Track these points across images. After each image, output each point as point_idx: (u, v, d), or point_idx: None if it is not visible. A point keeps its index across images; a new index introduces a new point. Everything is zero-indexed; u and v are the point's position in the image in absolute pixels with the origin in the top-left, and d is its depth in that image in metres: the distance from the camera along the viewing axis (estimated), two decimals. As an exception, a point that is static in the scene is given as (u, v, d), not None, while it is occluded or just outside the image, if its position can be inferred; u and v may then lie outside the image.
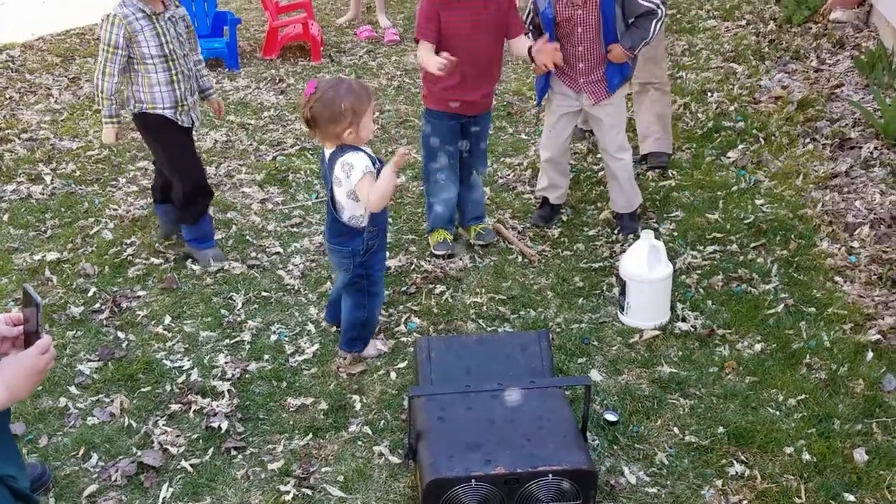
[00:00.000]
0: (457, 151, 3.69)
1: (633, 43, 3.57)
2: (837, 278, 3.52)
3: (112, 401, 2.97)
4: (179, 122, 3.58)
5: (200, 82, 3.72)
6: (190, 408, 2.92)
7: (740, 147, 4.69)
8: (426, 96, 3.66)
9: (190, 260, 3.82)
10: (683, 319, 3.31)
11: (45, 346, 1.77)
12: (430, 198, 3.83)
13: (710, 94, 5.43)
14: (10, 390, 1.71)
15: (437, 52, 3.40)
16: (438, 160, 3.67)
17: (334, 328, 3.29)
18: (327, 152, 2.88)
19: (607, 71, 3.65)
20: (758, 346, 3.14)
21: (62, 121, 5.52)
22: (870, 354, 3.05)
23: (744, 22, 6.79)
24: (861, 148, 4.50)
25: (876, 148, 4.48)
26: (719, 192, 4.25)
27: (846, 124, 4.79)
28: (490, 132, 4.97)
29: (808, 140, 4.69)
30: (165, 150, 3.68)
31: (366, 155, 2.81)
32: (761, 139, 4.76)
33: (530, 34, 3.69)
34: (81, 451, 2.75)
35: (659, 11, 3.53)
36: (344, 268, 3.01)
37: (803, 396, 2.88)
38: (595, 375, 3.03)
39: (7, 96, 5.87)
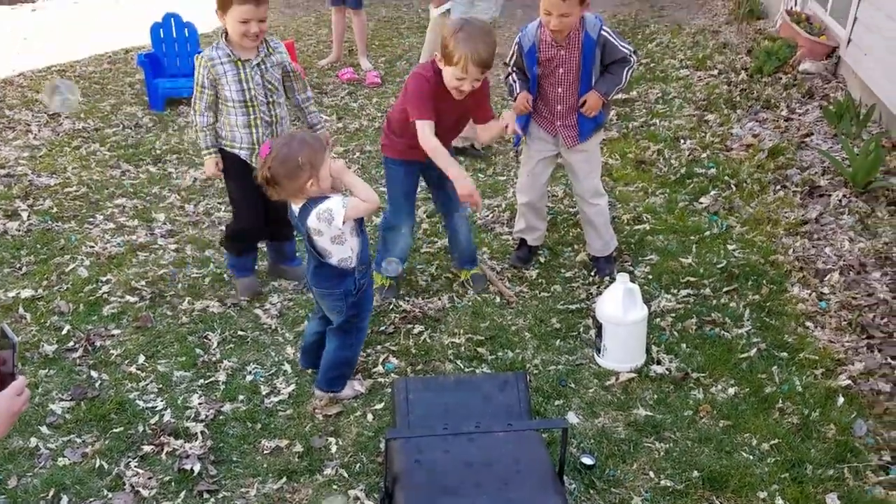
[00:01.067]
0: (415, 194, 3.74)
1: (607, 89, 3.66)
2: (808, 323, 3.58)
3: (83, 441, 2.93)
4: (254, 165, 3.61)
5: (309, 118, 3.80)
6: (162, 449, 2.89)
7: (712, 193, 4.78)
8: (386, 146, 3.68)
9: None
10: (658, 362, 3.34)
11: (20, 388, 1.75)
12: (381, 249, 3.80)
13: (682, 141, 5.54)
14: (-13, 431, 1.69)
15: None
16: (400, 205, 3.70)
17: (310, 370, 3.28)
18: (295, 208, 2.87)
19: (580, 116, 3.73)
20: (731, 390, 3.17)
21: (40, 157, 5.50)
22: (840, 399, 3.09)
23: (716, 71, 6.96)
24: (830, 196, 4.61)
25: (845, 196, 4.59)
26: (692, 237, 4.32)
27: (816, 172, 4.91)
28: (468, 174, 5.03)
29: (778, 187, 4.80)
30: (233, 187, 3.79)
31: (334, 197, 2.83)
32: (733, 186, 4.86)
33: (514, 74, 3.77)
34: (51, 493, 2.70)
35: (631, 59, 3.63)
36: (337, 310, 3.00)
37: (776, 441, 2.90)
38: (572, 418, 3.04)
39: (-15, 131, 5.86)
